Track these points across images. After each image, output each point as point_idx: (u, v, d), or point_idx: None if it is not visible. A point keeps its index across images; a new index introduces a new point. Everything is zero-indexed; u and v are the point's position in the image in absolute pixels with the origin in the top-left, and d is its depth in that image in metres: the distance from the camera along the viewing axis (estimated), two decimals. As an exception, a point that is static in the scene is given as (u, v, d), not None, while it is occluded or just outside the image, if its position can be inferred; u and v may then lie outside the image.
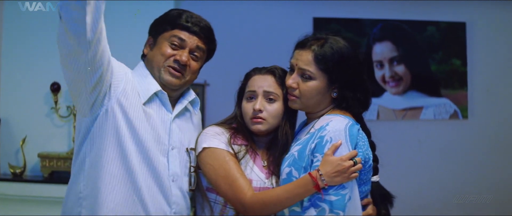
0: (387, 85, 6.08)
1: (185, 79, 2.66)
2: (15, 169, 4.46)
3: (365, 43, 6.10)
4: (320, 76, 2.54)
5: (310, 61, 2.54)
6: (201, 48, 2.67)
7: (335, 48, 2.55)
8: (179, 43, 2.62)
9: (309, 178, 2.39)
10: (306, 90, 2.55)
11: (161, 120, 2.63)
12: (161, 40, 2.64)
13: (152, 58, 2.66)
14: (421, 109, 6.13)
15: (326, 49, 2.53)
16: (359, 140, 2.49)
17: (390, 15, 6.14)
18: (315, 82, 2.54)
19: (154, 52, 2.66)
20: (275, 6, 6.05)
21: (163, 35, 2.64)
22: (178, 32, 2.63)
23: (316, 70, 2.53)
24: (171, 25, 2.64)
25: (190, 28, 2.63)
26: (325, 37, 2.59)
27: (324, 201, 2.39)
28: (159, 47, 2.63)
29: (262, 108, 2.67)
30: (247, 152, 2.69)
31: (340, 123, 2.48)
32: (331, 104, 2.62)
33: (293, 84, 2.57)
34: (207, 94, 5.94)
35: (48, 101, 4.61)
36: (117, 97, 2.51)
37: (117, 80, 2.53)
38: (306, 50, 2.56)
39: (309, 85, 2.55)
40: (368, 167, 2.54)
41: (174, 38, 2.61)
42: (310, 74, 2.54)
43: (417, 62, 6.14)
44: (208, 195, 2.69)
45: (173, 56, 2.61)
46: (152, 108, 2.62)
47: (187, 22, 2.63)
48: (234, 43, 5.86)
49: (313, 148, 2.46)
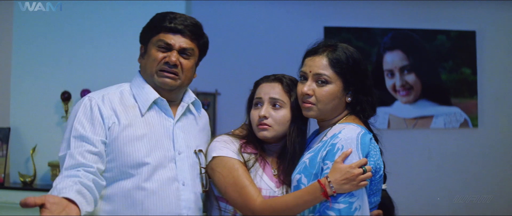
0: (397, 94, 6.08)
1: (181, 79, 2.66)
2: (25, 178, 4.46)
3: (375, 52, 6.11)
4: (336, 80, 2.54)
5: (325, 65, 2.54)
6: (189, 46, 2.66)
7: (348, 52, 2.56)
8: (166, 46, 2.62)
9: (318, 185, 2.38)
10: (323, 95, 2.54)
11: (163, 127, 2.65)
12: (150, 46, 2.66)
13: (145, 66, 2.68)
14: (431, 117, 6.13)
15: (340, 53, 2.55)
16: (371, 149, 2.47)
17: (401, 24, 6.15)
18: (332, 86, 2.54)
19: (145, 59, 2.68)
20: (287, 15, 6.07)
21: (151, 41, 2.65)
22: (163, 35, 2.63)
23: (332, 74, 2.53)
24: (156, 30, 2.65)
25: (174, 29, 2.63)
26: (334, 43, 2.60)
27: (332, 209, 2.38)
28: (149, 53, 2.65)
29: (267, 114, 2.66)
30: (257, 161, 2.68)
31: (353, 131, 2.47)
32: (345, 109, 2.62)
33: (309, 91, 2.55)
34: (218, 103, 5.95)
35: (58, 110, 4.62)
36: (114, 130, 2.55)
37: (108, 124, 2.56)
38: (319, 56, 2.57)
39: (326, 90, 2.54)
40: (379, 177, 2.53)
41: (160, 42, 2.62)
42: (326, 78, 2.53)
43: (428, 71, 6.15)
44: (220, 203, 2.68)
45: (163, 59, 2.62)
46: (153, 116, 2.64)
47: (170, 24, 2.63)
48: (245, 53, 5.88)
49: (324, 155, 2.45)
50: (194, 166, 2.68)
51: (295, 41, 4.95)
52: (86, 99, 2.59)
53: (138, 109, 2.62)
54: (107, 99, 2.60)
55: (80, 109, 2.55)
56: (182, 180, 2.60)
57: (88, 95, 2.63)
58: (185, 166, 2.63)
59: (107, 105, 2.58)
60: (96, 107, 2.55)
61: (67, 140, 2.49)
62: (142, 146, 2.55)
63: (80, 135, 2.47)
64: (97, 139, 2.49)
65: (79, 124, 2.51)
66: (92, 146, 2.45)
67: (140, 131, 2.57)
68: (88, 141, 2.46)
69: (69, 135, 2.49)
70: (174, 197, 2.57)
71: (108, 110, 2.56)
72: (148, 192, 2.52)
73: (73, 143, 2.46)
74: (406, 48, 6.15)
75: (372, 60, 6.11)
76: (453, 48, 6.19)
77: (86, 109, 2.55)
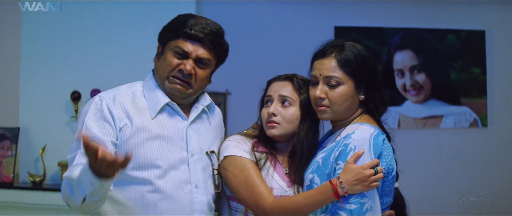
0: (408, 94, 6.08)
1: (193, 88, 2.61)
2: (34, 178, 4.46)
3: (386, 52, 6.11)
4: (348, 80, 2.53)
5: (335, 67, 2.53)
6: (206, 57, 2.59)
7: (355, 51, 2.55)
8: (183, 53, 2.55)
9: (329, 185, 2.38)
10: (335, 97, 2.53)
11: (176, 129, 2.62)
12: (167, 49, 2.60)
13: (159, 68, 2.63)
14: (441, 117, 6.12)
15: (348, 53, 2.53)
16: (384, 150, 2.46)
17: (411, 24, 6.15)
18: (343, 87, 2.52)
19: (160, 62, 2.62)
20: (297, 15, 6.07)
21: (169, 44, 2.59)
22: (181, 42, 2.56)
23: (342, 75, 2.52)
24: (176, 34, 2.58)
25: (194, 37, 2.55)
26: (340, 43, 2.59)
27: (343, 209, 2.37)
28: (165, 57, 2.59)
29: (276, 112, 2.66)
30: (268, 160, 2.67)
31: (366, 132, 2.46)
32: (359, 108, 2.61)
33: (322, 94, 2.54)
34: (229, 103, 5.95)
35: (68, 110, 4.62)
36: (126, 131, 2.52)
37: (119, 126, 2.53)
38: (328, 58, 2.55)
39: (338, 92, 2.52)
40: (392, 178, 2.52)
41: (177, 49, 2.55)
42: (337, 80, 2.52)
43: (437, 71, 6.14)
44: (231, 203, 2.69)
45: (178, 66, 2.56)
46: (166, 118, 2.61)
47: (190, 30, 2.55)
48: (256, 52, 5.88)
49: (337, 155, 2.45)
50: (207, 168, 2.66)
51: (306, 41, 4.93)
52: (96, 99, 2.56)
53: (147, 111, 2.59)
54: (118, 100, 2.57)
55: (90, 109, 2.53)
56: (195, 183, 2.59)
57: (98, 95, 2.60)
58: (197, 168, 2.61)
59: (118, 106, 2.55)
60: (106, 107, 2.53)
61: (77, 141, 2.46)
62: (155, 148, 2.53)
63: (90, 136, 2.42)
64: (108, 140, 2.47)
65: (89, 124, 2.49)
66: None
67: (153, 133, 2.54)
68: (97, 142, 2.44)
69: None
70: (188, 200, 2.56)
71: (119, 111, 2.53)
72: (161, 194, 2.50)
73: (78, 145, 2.42)
74: (416, 48, 6.14)
75: (383, 60, 6.10)
76: (462, 48, 6.18)
77: (97, 109, 2.53)
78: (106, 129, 2.50)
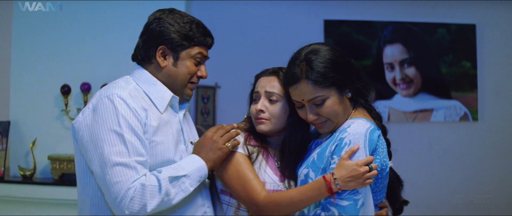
0: (398, 88, 6.08)
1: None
2: (25, 171, 4.46)
3: (375, 45, 6.11)
4: (330, 91, 2.48)
5: (312, 89, 2.47)
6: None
7: (322, 60, 2.47)
8: (202, 60, 2.66)
9: (323, 181, 2.37)
10: (327, 111, 2.49)
11: (176, 122, 2.64)
12: (186, 56, 2.60)
13: (176, 74, 2.61)
14: (431, 111, 6.13)
15: (317, 66, 2.46)
16: (379, 146, 2.45)
17: (401, 17, 6.15)
18: (330, 100, 2.48)
19: (178, 68, 2.60)
20: (286, 8, 6.06)
21: (188, 51, 2.59)
22: (202, 49, 2.63)
23: (324, 91, 2.47)
24: (195, 42, 2.60)
25: (210, 44, 2.67)
26: (304, 57, 2.50)
27: (336, 205, 2.37)
28: (185, 64, 2.60)
29: (263, 108, 2.66)
30: (260, 153, 2.68)
31: (361, 127, 2.45)
32: (351, 105, 2.59)
33: (314, 115, 2.51)
34: (218, 96, 5.94)
35: (58, 104, 4.62)
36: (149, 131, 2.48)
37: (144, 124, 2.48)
38: (301, 82, 2.48)
39: (327, 106, 2.48)
40: (385, 174, 2.51)
41: (199, 55, 2.61)
42: (322, 98, 2.47)
43: (428, 65, 6.15)
44: (222, 197, 2.69)
45: (196, 72, 2.65)
46: (167, 113, 2.61)
47: (207, 38, 2.64)
48: (245, 45, 5.88)
49: (333, 149, 2.44)
50: None
51: (295, 34, 4.95)
52: (117, 99, 2.43)
53: (155, 107, 2.56)
54: (134, 97, 2.49)
55: (119, 111, 2.41)
56: None
57: (115, 94, 2.45)
58: None
59: (136, 103, 2.47)
60: (132, 107, 2.44)
61: (124, 143, 2.37)
62: (169, 144, 2.53)
63: (134, 146, 2.38)
64: (146, 142, 2.44)
65: (131, 125, 2.40)
66: (142, 157, 2.40)
67: (166, 129, 2.55)
68: (139, 152, 2.40)
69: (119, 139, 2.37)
70: (198, 193, 2.61)
71: (140, 109, 2.46)
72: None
73: (131, 147, 2.37)
74: (406, 41, 6.14)
75: (372, 53, 6.10)
76: (453, 42, 6.19)
77: (125, 109, 2.42)
78: (140, 129, 2.44)
